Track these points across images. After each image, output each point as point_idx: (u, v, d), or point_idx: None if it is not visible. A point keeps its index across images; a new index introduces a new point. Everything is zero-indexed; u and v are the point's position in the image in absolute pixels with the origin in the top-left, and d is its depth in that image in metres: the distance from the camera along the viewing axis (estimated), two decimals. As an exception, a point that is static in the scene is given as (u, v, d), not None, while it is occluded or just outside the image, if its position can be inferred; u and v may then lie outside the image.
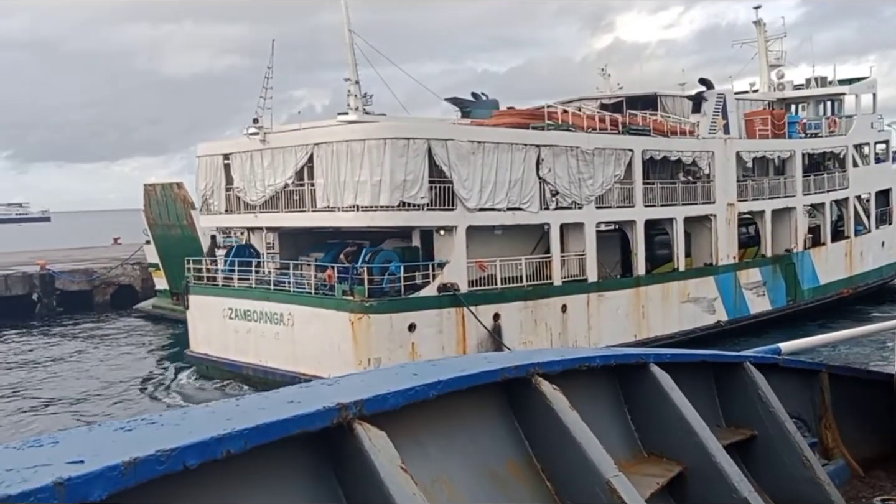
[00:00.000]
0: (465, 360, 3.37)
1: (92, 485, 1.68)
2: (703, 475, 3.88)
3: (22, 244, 76.59)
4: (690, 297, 31.22)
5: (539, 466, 3.26)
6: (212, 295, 27.35)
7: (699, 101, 32.79)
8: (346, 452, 2.42)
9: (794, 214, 36.61)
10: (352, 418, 2.40)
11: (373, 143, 23.05)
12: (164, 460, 1.84)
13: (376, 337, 22.80)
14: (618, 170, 28.48)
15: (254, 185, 26.42)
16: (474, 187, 24.36)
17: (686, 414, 3.96)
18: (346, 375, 3.06)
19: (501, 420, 3.27)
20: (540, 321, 26.01)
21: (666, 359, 4.21)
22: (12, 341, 38.03)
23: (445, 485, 2.83)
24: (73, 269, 46.99)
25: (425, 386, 2.71)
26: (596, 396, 3.88)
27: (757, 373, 4.86)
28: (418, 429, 2.81)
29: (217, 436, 1.98)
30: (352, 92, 33.03)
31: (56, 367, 32.11)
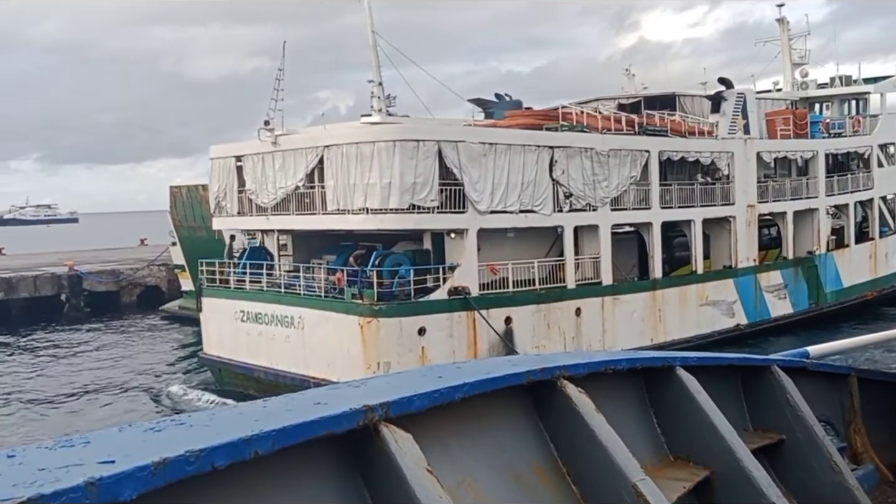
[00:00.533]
0: (490, 363, 3.36)
1: (123, 484, 1.70)
2: (731, 479, 3.85)
3: (50, 245, 77.61)
4: (709, 301, 30.73)
5: (564, 470, 3.24)
6: (224, 297, 27.29)
7: (718, 100, 32.26)
8: (371, 454, 2.42)
9: (816, 216, 35.94)
10: (378, 420, 2.40)
11: (382, 145, 22.85)
12: (193, 461, 1.85)
13: (385, 341, 22.59)
14: (633, 171, 28.07)
15: (265, 187, 26.32)
16: (486, 189, 24.09)
17: (713, 418, 3.93)
18: (372, 377, 3.08)
19: (526, 423, 3.26)
20: (553, 325, 25.68)
21: (692, 362, 4.16)
22: (42, 341, 38.51)
23: (471, 487, 2.82)
24: (101, 269, 47.58)
25: (450, 388, 2.70)
26: (621, 400, 3.86)
27: (785, 376, 4.80)
28: (443, 431, 2.80)
29: (245, 437, 1.99)
30: (375, 93, 32.91)
31: (78, 367, 32.47)
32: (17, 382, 30.33)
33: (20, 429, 24.20)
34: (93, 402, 27.02)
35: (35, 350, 36.41)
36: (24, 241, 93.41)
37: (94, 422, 24.07)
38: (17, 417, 25.60)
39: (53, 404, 26.92)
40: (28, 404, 27.01)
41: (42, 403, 27.07)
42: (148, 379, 29.73)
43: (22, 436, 23.20)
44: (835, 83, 42.59)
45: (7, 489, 1.60)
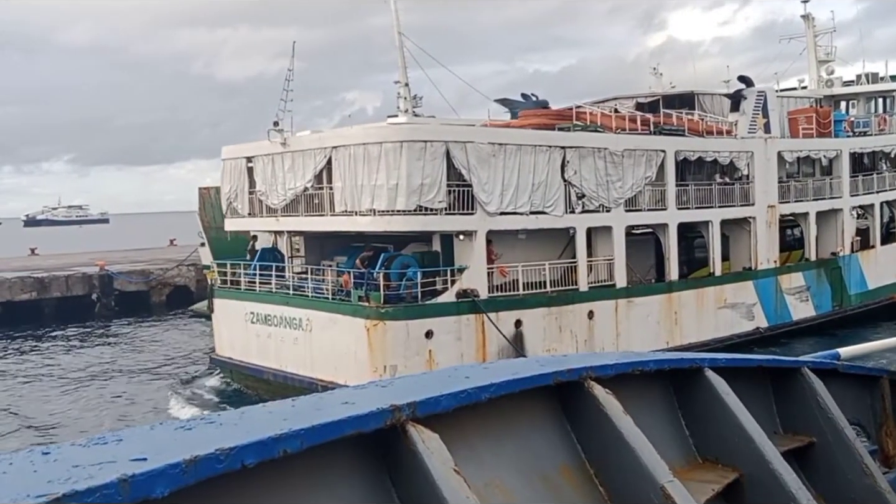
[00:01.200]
0: (516, 364, 3.33)
1: (155, 482, 1.72)
2: (760, 482, 3.81)
3: (82, 245, 78.86)
4: (728, 303, 30.14)
5: (592, 471, 3.22)
6: (235, 299, 27.22)
7: (738, 99, 31.62)
8: (399, 454, 2.43)
9: (840, 216, 35.17)
10: (405, 420, 2.40)
11: (389, 146, 22.59)
12: (223, 459, 1.87)
13: (392, 344, 22.33)
14: (649, 171, 27.57)
15: (275, 188, 26.19)
16: (495, 191, 23.74)
17: (742, 420, 3.90)
18: (400, 377, 3.05)
19: (554, 424, 3.24)
20: (565, 328, 25.27)
21: (721, 364, 4.12)
22: (73, 339, 39.05)
23: (498, 488, 2.81)
24: (131, 269, 48.18)
25: (477, 388, 2.69)
26: (649, 401, 3.83)
27: (815, 378, 4.73)
28: (470, 432, 2.79)
29: (274, 435, 2.00)
30: (401, 94, 32.71)
31: (107, 364, 33.01)
32: (47, 379, 30.78)
33: (47, 426, 24.48)
34: (119, 397, 27.43)
35: (66, 348, 36.95)
36: (57, 242, 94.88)
37: (118, 418, 24.47)
38: (46, 414, 25.89)
39: (82, 400, 27.35)
40: (58, 401, 27.39)
41: (71, 399, 27.50)
42: (171, 377, 29.94)
43: (50, 433, 23.48)
44: (861, 81, 41.71)
45: (42, 485, 1.62)
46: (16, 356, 35.60)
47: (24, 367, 33.28)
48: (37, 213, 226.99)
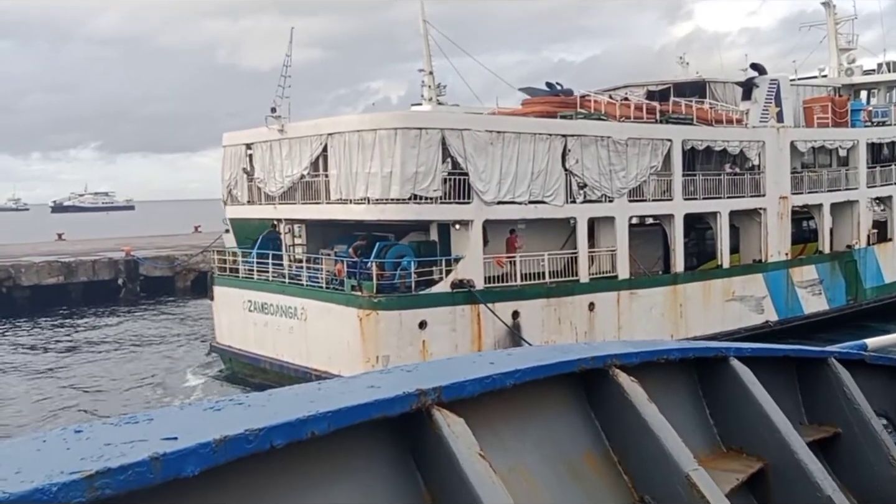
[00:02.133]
0: (540, 351, 3.35)
1: (186, 460, 1.75)
2: (785, 472, 3.80)
3: (108, 231, 79.85)
4: (735, 296, 29.51)
5: (616, 459, 3.21)
6: (233, 286, 27.06)
7: (750, 87, 30.88)
8: (424, 438, 2.43)
9: (856, 208, 34.32)
10: (430, 404, 2.41)
11: (384, 133, 22.23)
12: (252, 439, 1.88)
13: (385, 334, 22.03)
14: (654, 161, 26.98)
15: (273, 175, 25.95)
16: (492, 179, 23.30)
17: (767, 409, 3.87)
18: (424, 362, 3.08)
19: (577, 411, 3.23)
20: (564, 319, 24.83)
21: (747, 353, 4.10)
22: (99, 323, 39.68)
23: (522, 474, 2.80)
24: (156, 255, 48.71)
25: (503, 374, 2.69)
26: (674, 390, 3.80)
27: (842, 369, 4.67)
28: (494, 417, 2.78)
29: (302, 417, 2.02)
30: (426, 82, 32.31)
31: (131, 346, 33.55)
32: (74, 360, 31.23)
33: (77, 405, 24.77)
34: (142, 378, 27.80)
35: (93, 331, 37.59)
36: (83, 228, 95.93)
37: (138, 401, 24.70)
38: (73, 393, 26.28)
39: (106, 381, 27.81)
40: (85, 381, 27.80)
41: (98, 380, 27.97)
42: (193, 360, 30.20)
43: (79, 413, 23.76)
44: (881, 70, 40.69)
45: (76, 462, 1.65)
46: (44, 337, 36.28)
47: (52, 346, 34.12)
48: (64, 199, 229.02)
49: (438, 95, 42.33)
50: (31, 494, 1.53)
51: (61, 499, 1.56)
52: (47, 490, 1.55)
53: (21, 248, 54.89)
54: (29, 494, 1.53)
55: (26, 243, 60.81)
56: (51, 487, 1.55)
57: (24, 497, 1.52)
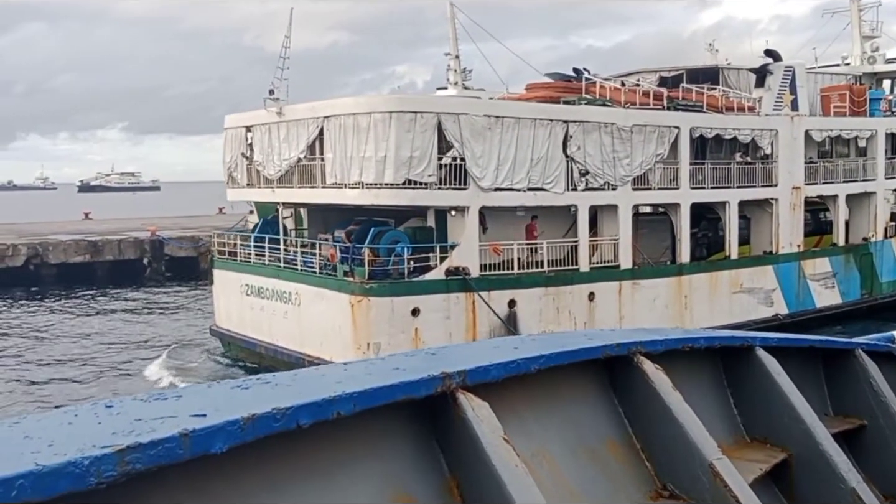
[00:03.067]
0: (565, 337, 3.31)
1: (214, 437, 1.76)
2: (810, 463, 3.77)
3: (134, 211, 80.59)
4: (744, 288, 28.85)
5: (639, 446, 3.21)
6: (232, 270, 26.87)
7: (763, 74, 30.06)
8: (448, 421, 2.43)
9: (874, 200, 33.42)
10: (455, 387, 2.41)
11: (378, 116, 21.82)
12: (279, 418, 1.89)
13: (376, 321, 21.71)
14: (660, 148, 26.33)
15: (272, 158, 25.65)
16: (489, 165, 22.83)
17: (793, 400, 3.85)
18: (448, 346, 3.06)
19: (601, 398, 3.22)
20: (563, 309, 24.35)
21: (773, 343, 4.09)
22: (125, 300, 40.46)
23: (545, 459, 2.80)
24: (181, 236, 49.17)
25: (527, 359, 2.69)
26: (698, 378, 3.78)
27: (869, 360, 4.63)
28: (518, 402, 2.78)
29: (329, 397, 2.03)
30: (451, 66, 31.87)
31: (153, 323, 34.27)
32: (99, 337, 31.81)
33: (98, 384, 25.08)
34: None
35: (118, 308, 38.25)
36: (110, 207, 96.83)
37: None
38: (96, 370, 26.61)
39: (128, 357, 28.27)
40: (110, 358, 28.24)
41: (122, 356, 28.42)
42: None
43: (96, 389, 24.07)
44: (905, 57, 39.60)
45: (107, 437, 1.66)
46: (71, 314, 36.98)
47: (77, 322, 34.84)
48: (90, 179, 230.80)
49: (464, 80, 41.84)
50: (64, 467, 1.54)
51: (93, 472, 1.57)
52: (80, 463, 1.56)
53: (49, 227, 55.76)
54: (62, 467, 1.54)
55: (54, 221, 61.85)
56: (83, 461, 1.57)
57: (57, 470, 1.53)
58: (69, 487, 1.54)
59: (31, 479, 1.50)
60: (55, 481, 1.53)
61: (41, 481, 1.51)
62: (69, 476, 1.54)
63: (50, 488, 1.52)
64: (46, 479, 1.52)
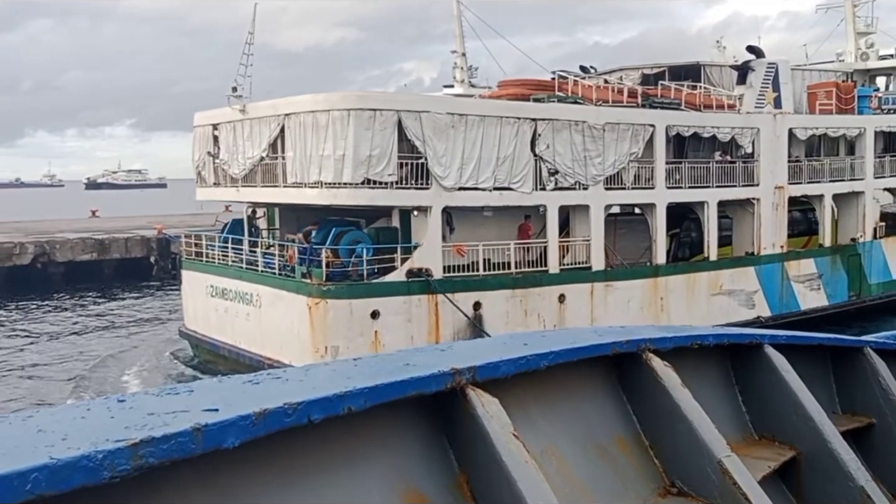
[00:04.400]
0: (574, 333, 3.31)
1: (226, 432, 1.76)
2: (818, 461, 3.77)
3: (141, 209, 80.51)
4: (724, 290, 28.19)
5: (647, 443, 3.21)
6: (198, 271, 26.43)
7: (745, 71, 29.38)
8: (458, 417, 2.42)
9: (862, 200, 32.69)
10: (465, 383, 2.41)
11: (337, 114, 21.28)
12: (290, 413, 1.89)
13: (334, 324, 21.19)
14: (634, 147, 25.69)
15: (236, 157, 25.17)
16: (453, 164, 22.26)
17: (801, 397, 3.84)
18: (458, 342, 3.15)
19: (610, 395, 3.22)
20: (531, 312, 23.78)
21: (781, 340, 4.09)
22: (129, 298, 40.62)
23: (554, 456, 2.80)
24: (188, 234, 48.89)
25: (537, 356, 2.69)
26: (707, 375, 3.78)
27: (878, 359, 4.63)
28: (527, 399, 2.78)
29: (340, 392, 2.02)
30: (458, 64, 31.42)
31: (159, 323, 34.31)
32: (104, 334, 32.23)
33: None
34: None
35: (123, 308, 38.33)
36: (117, 205, 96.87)
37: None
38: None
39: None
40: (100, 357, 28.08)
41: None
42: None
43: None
44: (899, 54, 38.78)
45: (120, 431, 1.66)
46: (80, 311, 37.24)
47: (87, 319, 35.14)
48: (97, 176, 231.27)
49: (470, 77, 41.27)
50: (78, 461, 1.54)
51: (107, 466, 1.56)
52: (93, 457, 1.56)
53: (56, 225, 55.79)
54: (76, 461, 1.54)
55: (61, 219, 62.03)
56: (97, 454, 1.56)
57: (71, 463, 1.53)
58: (83, 481, 1.54)
59: (45, 473, 1.49)
60: (69, 475, 1.52)
61: (56, 475, 1.51)
62: (83, 470, 1.54)
63: (64, 482, 1.51)
64: (61, 473, 1.51)
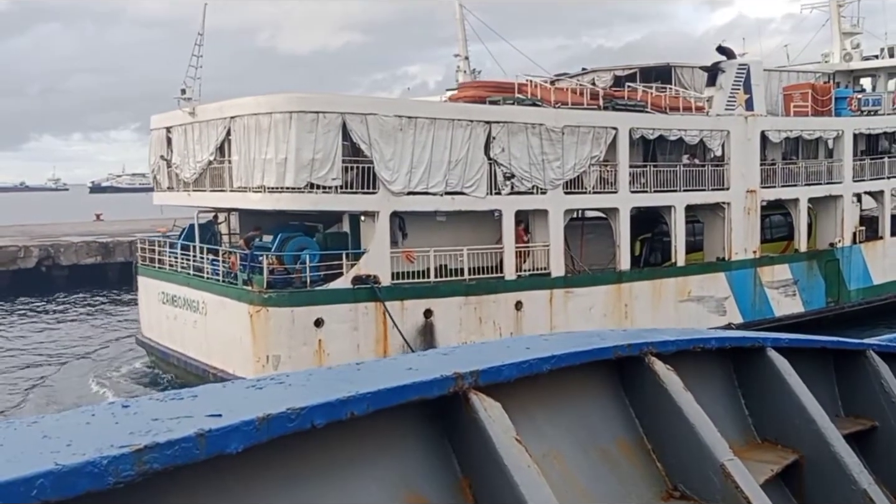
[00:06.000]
0: (576, 337, 3.27)
1: (230, 437, 1.75)
2: (821, 464, 3.77)
3: (145, 212, 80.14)
4: (692, 296, 27.51)
5: (650, 447, 3.19)
6: (152, 277, 25.91)
7: (715, 72, 28.67)
8: (460, 421, 2.42)
9: (840, 204, 31.92)
10: (468, 388, 2.40)
11: (279, 116, 20.72)
12: (293, 418, 1.89)
13: (275, 332, 20.60)
14: (596, 150, 25.04)
15: (187, 161, 24.65)
16: (401, 168, 21.66)
17: (804, 401, 3.84)
18: (461, 346, 3.05)
19: (612, 398, 3.20)
20: (486, 319, 23.15)
21: (784, 343, 4.11)
22: (132, 304, 40.28)
23: (556, 460, 2.78)
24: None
25: (539, 360, 2.69)
26: (709, 379, 3.78)
27: (881, 361, 4.62)
28: (529, 402, 2.77)
29: (343, 398, 2.02)
30: (461, 67, 30.98)
31: None
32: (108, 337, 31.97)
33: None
34: None
35: (128, 313, 38.04)
36: (121, 208, 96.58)
37: None
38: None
39: None
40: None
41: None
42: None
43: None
44: (883, 55, 38.00)
45: (124, 437, 1.65)
46: (86, 314, 37.49)
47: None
48: (102, 180, 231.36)
49: (474, 80, 40.73)
50: (83, 467, 1.53)
51: (111, 471, 1.55)
52: (98, 463, 1.54)
53: (60, 228, 55.50)
54: (81, 467, 1.53)
55: (65, 223, 61.76)
56: (101, 460, 1.55)
57: (76, 469, 1.52)
58: (88, 487, 1.52)
59: (50, 479, 1.48)
60: (74, 481, 1.51)
61: (61, 481, 1.49)
62: (88, 475, 1.53)
63: (69, 488, 1.50)
64: (66, 479, 1.50)
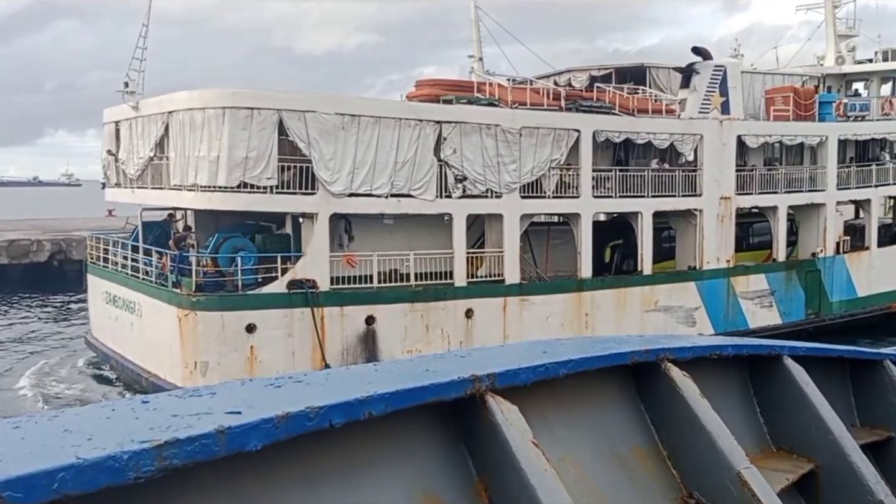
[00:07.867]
0: (593, 341, 3.26)
1: (249, 435, 1.75)
2: (837, 474, 3.72)
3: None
4: (660, 306, 26.45)
5: (665, 453, 3.17)
6: (98, 276, 25.16)
7: (689, 74, 27.59)
8: (477, 424, 2.41)
9: (823, 212, 30.73)
10: (485, 390, 2.38)
11: (211, 112, 19.89)
12: (312, 417, 1.90)
13: (204, 337, 19.78)
14: (556, 153, 24.04)
15: (132, 157, 23.87)
16: (343, 168, 20.76)
17: (820, 410, 3.80)
18: (478, 348, 3.06)
19: (628, 404, 3.19)
20: (434, 327, 22.23)
21: (801, 352, 4.03)
22: None
23: (572, 464, 2.77)
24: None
25: (556, 363, 2.66)
26: (725, 386, 3.73)
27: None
28: (545, 406, 2.76)
29: (361, 397, 2.02)
30: (474, 69, 30.30)
31: None
32: None
33: None
34: None
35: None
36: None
37: None
38: None
39: None
40: None
41: None
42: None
43: None
44: (876, 58, 36.76)
45: (145, 432, 1.66)
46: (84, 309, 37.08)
47: None
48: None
49: None
50: (104, 461, 1.53)
51: (132, 466, 1.56)
52: (119, 457, 1.55)
53: (72, 223, 55.20)
54: (102, 461, 1.53)
55: (77, 218, 61.40)
56: (122, 455, 1.55)
57: (97, 463, 1.52)
58: (108, 481, 1.52)
59: (72, 473, 1.48)
60: (95, 475, 1.51)
61: (82, 475, 1.50)
62: (109, 470, 1.53)
63: (90, 482, 1.50)
64: (87, 473, 1.50)
